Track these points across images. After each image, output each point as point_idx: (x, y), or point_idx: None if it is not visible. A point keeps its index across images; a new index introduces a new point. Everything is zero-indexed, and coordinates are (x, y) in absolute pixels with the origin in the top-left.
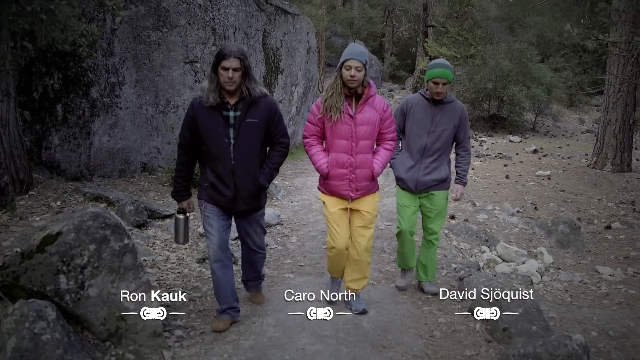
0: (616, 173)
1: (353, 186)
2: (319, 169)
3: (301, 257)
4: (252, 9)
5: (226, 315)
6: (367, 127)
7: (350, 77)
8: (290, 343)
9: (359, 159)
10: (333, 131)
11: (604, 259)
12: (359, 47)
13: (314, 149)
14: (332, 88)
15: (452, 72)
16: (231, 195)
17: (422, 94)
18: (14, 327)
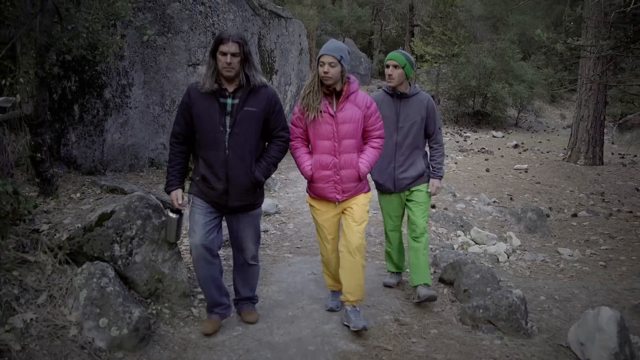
0: (588, 166)
1: (339, 188)
2: (303, 171)
3: (298, 240)
4: (248, 14)
5: (215, 315)
6: (350, 126)
7: (324, 73)
8: (291, 304)
9: (342, 160)
10: (315, 132)
11: (567, 242)
12: (335, 43)
13: (298, 151)
14: (309, 86)
15: (407, 60)
16: (222, 188)
17: (385, 90)
18: (84, 282)
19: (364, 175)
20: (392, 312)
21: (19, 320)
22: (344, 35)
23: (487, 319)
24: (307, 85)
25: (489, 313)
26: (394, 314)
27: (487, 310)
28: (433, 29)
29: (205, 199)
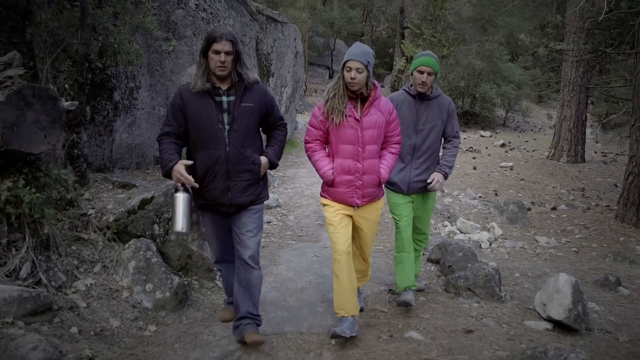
0: (571, 164)
1: (360, 193)
2: (324, 175)
3: (299, 230)
4: (246, 19)
5: (232, 306)
6: (374, 131)
7: (351, 79)
8: (300, 279)
9: (366, 165)
10: (338, 136)
11: (545, 232)
12: (361, 47)
13: (317, 154)
14: (334, 89)
15: (438, 64)
16: (223, 186)
17: (407, 91)
18: (131, 255)
19: (385, 180)
20: (386, 285)
21: (82, 284)
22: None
23: (467, 287)
24: (331, 87)
25: (468, 282)
26: (387, 286)
27: (467, 280)
28: (423, 31)
29: (210, 207)
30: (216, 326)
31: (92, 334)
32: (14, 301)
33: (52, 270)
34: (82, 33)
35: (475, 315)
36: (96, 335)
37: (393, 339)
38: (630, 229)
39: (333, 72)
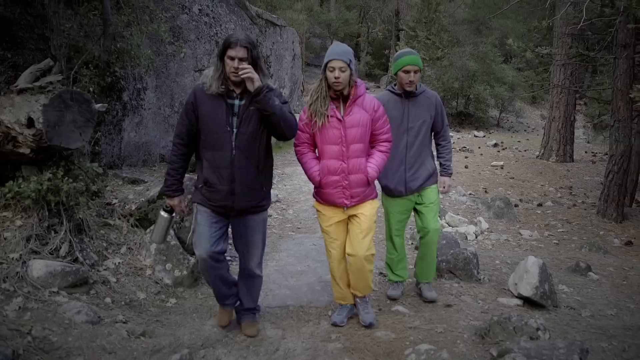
0: (559, 163)
1: (347, 193)
2: (311, 177)
3: (298, 222)
4: (246, 23)
5: (227, 307)
6: (358, 130)
7: (335, 78)
8: (299, 263)
9: (351, 164)
10: (322, 137)
11: (529, 226)
12: (341, 46)
13: (305, 157)
14: (316, 92)
15: (420, 59)
16: (227, 189)
17: (391, 90)
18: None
19: (373, 179)
20: (376, 268)
21: (111, 263)
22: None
23: (448, 270)
24: (313, 90)
25: (449, 265)
26: (378, 269)
27: (448, 263)
28: (417, 33)
29: (210, 205)
30: None
31: (122, 304)
32: (58, 274)
33: (86, 250)
34: (105, 41)
35: (454, 293)
36: (126, 305)
37: (382, 312)
38: (611, 224)
39: None
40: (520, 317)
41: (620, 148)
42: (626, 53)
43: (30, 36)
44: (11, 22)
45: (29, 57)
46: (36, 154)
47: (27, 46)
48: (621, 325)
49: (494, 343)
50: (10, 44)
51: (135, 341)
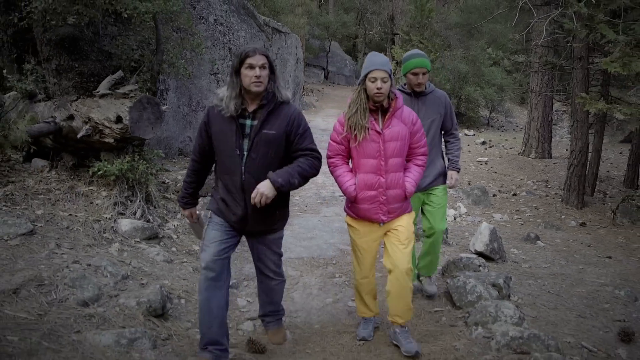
0: (538, 159)
1: (385, 209)
2: (346, 192)
3: (304, 206)
4: (255, 31)
5: (207, 354)
6: (397, 144)
7: (377, 89)
8: (309, 232)
9: (389, 179)
10: (359, 150)
11: (502, 211)
12: (381, 57)
13: (339, 169)
14: (355, 104)
15: (429, 61)
16: (241, 214)
17: (401, 89)
18: (201, 207)
19: (410, 195)
20: None
21: (171, 225)
22: (330, 39)
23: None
24: (352, 102)
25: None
26: None
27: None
28: (411, 37)
29: (224, 217)
30: None
31: (184, 252)
32: (139, 229)
33: (153, 215)
34: (157, 56)
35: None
36: (187, 252)
37: None
38: (572, 210)
39: (328, 72)
40: (468, 258)
41: (579, 144)
42: (581, 64)
43: (92, 49)
44: (78, 38)
45: (91, 66)
46: (118, 143)
47: (90, 57)
48: (549, 273)
49: (450, 276)
50: (76, 56)
51: (198, 274)
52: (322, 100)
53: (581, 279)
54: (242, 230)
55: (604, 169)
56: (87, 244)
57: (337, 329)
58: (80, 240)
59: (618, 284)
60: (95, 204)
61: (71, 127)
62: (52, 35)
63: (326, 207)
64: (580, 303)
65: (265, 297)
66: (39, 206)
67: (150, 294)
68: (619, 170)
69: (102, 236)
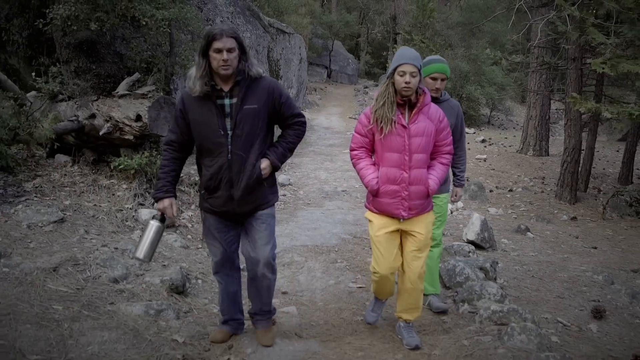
0: (536, 157)
1: (406, 205)
2: (368, 184)
3: (307, 200)
4: (260, 32)
5: (227, 327)
6: (422, 139)
7: (405, 83)
8: (312, 223)
9: (412, 175)
10: (384, 144)
11: (497, 206)
12: (411, 51)
13: (362, 162)
14: (383, 97)
15: (448, 66)
16: (227, 195)
17: None
18: None
19: (433, 192)
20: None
21: (186, 215)
22: (333, 38)
23: None
24: (379, 95)
25: None
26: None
27: None
28: (413, 37)
29: (214, 211)
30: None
31: (198, 239)
32: None
33: None
34: (170, 58)
35: None
36: (201, 240)
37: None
38: (565, 205)
39: (331, 71)
40: (459, 245)
41: (572, 142)
42: (575, 64)
43: (108, 52)
44: (95, 42)
45: (107, 68)
46: (136, 139)
47: (106, 60)
48: (535, 260)
49: (442, 261)
50: (94, 59)
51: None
52: (324, 98)
53: (565, 266)
54: (234, 213)
55: (600, 167)
56: (111, 231)
57: (339, 306)
58: (105, 228)
59: (598, 270)
60: (117, 195)
61: (93, 125)
62: (71, 39)
63: (329, 201)
64: (560, 286)
65: (256, 293)
66: (66, 197)
67: (171, 274)
68: (614, 168)
69: (125, 224)
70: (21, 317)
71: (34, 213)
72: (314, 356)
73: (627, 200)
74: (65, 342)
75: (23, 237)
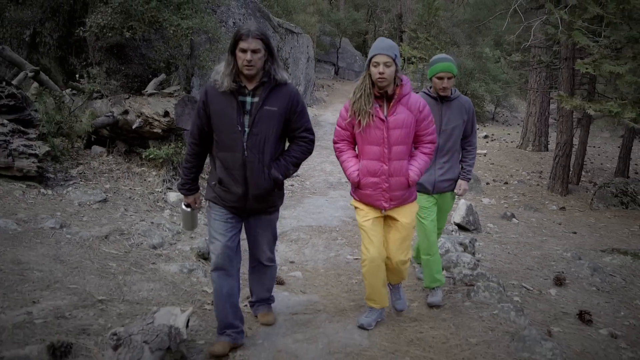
0: (535, 152)
1: (387, 196)
2: (349, 177)
3: (313, 189)
4: (269, 32)
5: (226, 337)
6: (401, 131)
7: (379, 74)
8: (317, 208)
9: (392, 167)
10: (363, 137)
11: (491, 196)
12: (386, 41)
13: (345, 154)
14: (360, 89)
15: (455, 65)
16: (241, 192)
17: (427, 93)
18: None
19: (414, 183)
20: None
21: None
22: (341, 36)
23: None
24: (357, 87)
25: None
26: None
27: None
28: (418, 35)
29: (223, 204)
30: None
31: None
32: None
33: None
34: (191, 60)
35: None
36: None
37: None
38: (556, 196)
39: (339, 68)
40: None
41: (564, 137)
42: (567, 64)
43: (135, 55)
44: (124, 45)
45: (135, 69)
46: (164, 132)
47: (134, 61)
48: (515, 241)
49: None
50: (123, 60)
51: None
52: (332, 95)
53: (541, 246)
54: (243, 209)
55: (598, 161)
56: (146, 210)
57: (337, 272)
58: (140, 207)
59: (569, 249)
60: (148, 181)
61: (126, 120)
62: (103, 43)
63: (333, 191)
64: (531, 261)
65: (258, 283)
66: (106, 182)
67: (198, 243)
68: (612, 163)
69: (156, 205)
70: (86, 270)
71: (82, 194)
72: (314, 304)
73: (613, 192)
74: (121, 288)
75: (77, 212)
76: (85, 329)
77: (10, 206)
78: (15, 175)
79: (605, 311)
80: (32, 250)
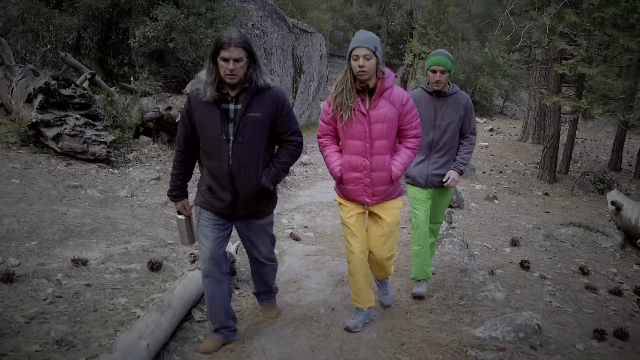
0: (534, 145)
1: (369, 191)
2: (332, 172)
3: (325, 175)
4: (285, 32)
5: (218, 335)
6: (383, 125)
7: (359, 67)
8: (326, 189)
9: (374, 162)
10: (345, 131)
11: (483, 183)
12: (366, 34)
13: (328, 149)
14: (341, 83)
15: (451, 61)
16: (230, 199)
17: (424, 88)
18: None
19: (397, 178)
20: None
21: None
22: (354, 30)
23: None
24: (338, 82)
25: None
26: None
27: None
28: (428, 31)
29: (212, 209)
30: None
31: None
32: None
33: None
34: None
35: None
36: None
37: None
38: (544, 184)
39: None
40: None
41: (552, 130)
42: (555, 64)
43: (172, 59)
44: (163, 51)
45: (172, 71)
46: None
47: (171, 64)
48: (490, 217)
49: None
50: (162, 63)
51: None
52: None
53: (511, 220)
54: (233, 215)
55: (595, 154)
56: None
57: (340, 234)
58: None
59: (533, 222)
60: None
61: (169, 115)
62: (145, 49)
63: None
64: (498, 230)
65: (258, 279)
66: (156, 164)
67: None
68: (608, 156)
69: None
70: (156, 224)
71: (140, 173)
72: (322, 250)
73: (592, 180)
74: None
75: (140, 186)
76: (165, 257)
77: (91, 181)
78: (89, 159)
79: (545, 263)
80: (116, 211)
